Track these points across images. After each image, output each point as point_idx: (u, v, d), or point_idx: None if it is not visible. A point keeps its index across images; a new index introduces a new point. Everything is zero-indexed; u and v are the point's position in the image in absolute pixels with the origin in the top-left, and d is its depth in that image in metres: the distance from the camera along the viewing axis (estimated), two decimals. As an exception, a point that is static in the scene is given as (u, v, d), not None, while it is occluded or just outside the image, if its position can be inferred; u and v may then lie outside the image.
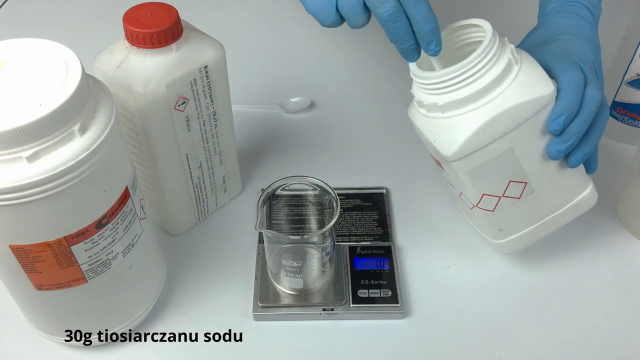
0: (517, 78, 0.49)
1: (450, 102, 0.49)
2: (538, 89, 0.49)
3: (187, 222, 0.66)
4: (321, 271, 0.59)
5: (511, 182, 0.52)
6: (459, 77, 0.48)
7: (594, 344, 0.57)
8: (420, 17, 0.46)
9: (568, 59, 0.52)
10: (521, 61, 0.50)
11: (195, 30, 0.56)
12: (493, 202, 0.54)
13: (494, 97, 0.48)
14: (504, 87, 0.48)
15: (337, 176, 0.69)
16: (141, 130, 0.55)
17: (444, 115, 0.50)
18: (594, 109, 0.50)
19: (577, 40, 0.55)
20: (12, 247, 0.44)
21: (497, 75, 0.48)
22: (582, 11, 0.58)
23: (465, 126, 0.49)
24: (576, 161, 0.52)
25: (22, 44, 0.45)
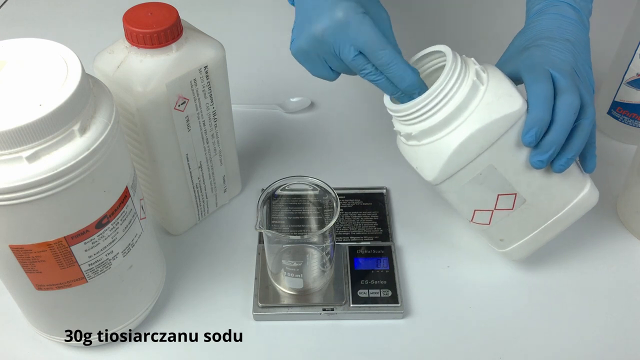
0: (484, 98, 0.49)
1: (422, 130, 0.50)
2: (505, 107, 0.49)
3: (187, 222, 0.66)
4: (321, 271, 0.59)
5: (500, 195, 0.53)
6: (426, 107, 0.50)
7: (593, 343, 0.57)
8: (395, 78, 0.50)
9: (537, 70, 0.51)
10: (488, 80, 0.50)
11: (195, 30, 0.56)
12: (487, 215, 0.55)
13: (463, 121, 0.49)
14: (471, 109, 0.49)
15: (337, 176, 0.69)
16: (141, 130, 0.55)
17: (421, 142, 0.51)
18: (571, 116, 0.50)
19: (554, 44, 0.54)
20: (12, 247, 0.44)
21: (462, 99, 0.49)
22: (565, 10, 0.57)
23: (441, 151, 0.50)
24: (561, 167, 0.51)
25: (22, 44, 0.45)
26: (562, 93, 0.50)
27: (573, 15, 0.57)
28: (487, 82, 0.50)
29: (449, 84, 0.49)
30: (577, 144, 0.51)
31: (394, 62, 0.50)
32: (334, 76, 0.56)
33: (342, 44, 0.50)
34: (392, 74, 0.50)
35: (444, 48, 0.52)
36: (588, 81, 0.55)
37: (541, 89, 0.50)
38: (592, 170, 0.55)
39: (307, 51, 0.53)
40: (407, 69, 0.50)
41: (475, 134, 0.49)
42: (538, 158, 0.50)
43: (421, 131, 0.50)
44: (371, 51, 0.49)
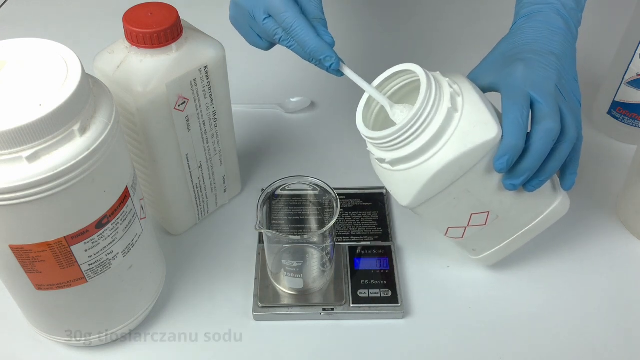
0: (459, 127, 0.48)
1: (396, 159, 0.49)
2: (480, 136, 0.48)
3: (187, 222, 0.66)
4: (321, 271, 0.59)
5: (473, 214, 0.53)
6: (400, 137, 0.48)
7: (593, 343, 0.57)
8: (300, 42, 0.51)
9: (515, 93, 0.50)
10: (463, 105, 0.48)
11: (195, 30, 0.56)
12: (460, 231, 0.55)
13: (437, 150, 0.48)
14: (445, 139, 0.48)
15: (337, 176, 0.70)
16: (141, 130, 0.55)
17: (394, 168, 0.51)
18: (549, 142, 0.49)
19: (538, 59, 0.52)
20: (12, 247, 0.44)
21: (437, 130, 0.47)
22: (552, 19, 0.55)
23: (415, 180, 0.49)
24: (533, 188, 0.51)
25: (22, 44, 0.45)
26: (541, 119, 0.49)
27: (561, 25, 0.55)
28: (461, 108, 0.48)
29: (424, 114, 0.47)
30: (552, 167, 0.50)
31: (295, 24, 0.50)
32: (265, 45, 0.56)
33: (255, 8, 0.52)
34: (297, 37, 0.50)
35: (416, 69, 0.50)
36: (573, 97, 0.53)
37: (516, 116, 0.48)
38: (570, 188, 0.54)
39: (236, 18, 0.55)
40: (310, 32, 0.50)
41: (450, 165, 0.48)
42: (511, 182, 0.50)
43: (394, 159, 0.50)
44: (276, 14, 0.50)
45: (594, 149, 0.75)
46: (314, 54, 0.51)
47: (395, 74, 0.52)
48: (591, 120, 0.79)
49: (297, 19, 0.50)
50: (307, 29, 0.50)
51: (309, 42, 0.51)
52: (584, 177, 0.71)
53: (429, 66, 0.51)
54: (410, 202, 0.51)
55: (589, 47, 0.86)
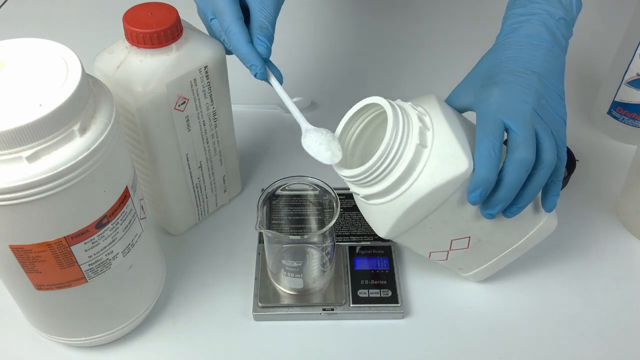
0: (428, 163, 0.47)
1: (368, 195, 0.50)
2: (450, 170, 0.47)
3: (187, 222, 0.66)
4: (321, 271, 0.59)
5: (453, 240, 0.53)
6: (369, 176, 0.48)
7: (593, 343, 0.57)
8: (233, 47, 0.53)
9: (488, 122, 0.48)
10: (432, 139, 0.47)
11: (195, 30, 0.56)
12: (443, 255, 0.55)
13: (408, 186, 0.47)
14: (415, 175, 0.47)
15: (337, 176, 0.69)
16: (141, 130, 0.55)
17: (369, 202, 0.51)
18: (522, 172, 0.47)
19: (516, 80, 0.50)
20: (12, 247, 0.44)
21: (405, 168, 0.47)
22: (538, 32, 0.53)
23: (388, 215, 0.49)
24: (512, 214, 0.50)
25: (22, 44, 0.45)
26: (514, 148, 0.47)
27: (546, 37, 0.53)
28: (431, 142, 0.47)
29: (391, 152, 0.47)
30: (529, 195, 0.49)
31: (230, 28, 0.52)
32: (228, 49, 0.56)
33: (205, 7, 0.55)
34: (231, 42, 0.52)
35: (383, 103, 0.49)
36: (556, 116, 0.51)
37: (487, 147, 0.47)
38: (551, 210, 0.53)
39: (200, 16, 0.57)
40: (241, 38, 0.52)
41: (421, 201, 0.47)
42: (488, 212, 0.49)
43: (367, 195, 0.50)
44: (218, 15, 0.53)
45: (594, 149, 0.75)
46: (243, 61, 0.53)
47: (363, 108, 0.52)
48: (591, 120, 0.79)
49: (232, 23, 0.52)
50: (240, 35, 0.52)
51: (239, 48, 0.52)
52: (584, 177, 0.71)
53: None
54: (386, 234, 0.51)
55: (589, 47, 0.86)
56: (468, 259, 0.56)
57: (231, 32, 0.52)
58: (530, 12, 0.54)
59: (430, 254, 0.55)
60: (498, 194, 0.48)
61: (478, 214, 0.50)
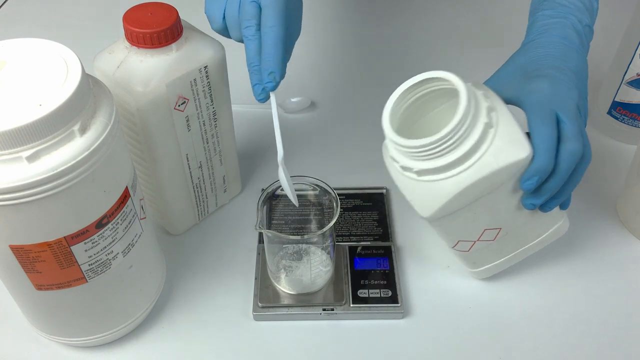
0: (493, 143, 0.47)
1: (425, 169, 0.48)
2: (513, 154, 0.47)
3: (187, 222, 0.66)
4: (321, 271, 0.59)
5: (486, 230, 0.53)
6: (435, 148, 0.47)
7: (593, 343, 0.57)
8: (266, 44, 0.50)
9: (543, 111, 0.49)
10: (497, 122, 0.47)
11: (195, 30, 0.56)
12: (468, 245, 0.55)
13: (470, 165, 0.47)
14: (480, 154, 0.47)
15: (337, 176, 0.69)
16: (141, 130, 0.55)
17: (420, 178, 0.49)
18: (572, 164, 0.49)
19: (561, 77, 0.51)
20: (12, 247, 0.44)
21: (473, 144, 0.46)
22: (568, 34, 0.55)
23: (441, 193, 0.48)
24: (549, 208, 0.51)
25: (22, 44, 0.45)
26: (567, 140, 0.48)
27: (576, 41, 0.54)
28: (496, 124, 0.47)
29: (463, 126, 0.46)
30: (570, 188, 0.51)
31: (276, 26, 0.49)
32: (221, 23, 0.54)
33: None
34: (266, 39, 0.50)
35: (453, 79, 0.48)
36: (585, 116, 0.52)
37: (547, 136, 0.48)
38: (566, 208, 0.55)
39: None
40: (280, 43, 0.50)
41: (480, 181, 0.47)
42: (532, 202, 0.50)
43: (423, 169, 0.48)
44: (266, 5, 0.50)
45: (593, 149, 0.74)
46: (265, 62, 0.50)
47: (425, 80, 0.50)
48: (591, 120, 0.78)
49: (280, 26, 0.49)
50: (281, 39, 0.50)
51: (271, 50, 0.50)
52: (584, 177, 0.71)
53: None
54: (431, 215, 0.50)
55: (589, 47, 0.86)
56: (486, 254, 0.56)
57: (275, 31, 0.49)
58: (560, 15, 0.56)
59: (457, 243, 0.54)
60: (549, 183, 0.49)
61: (519, 206, 0.51)
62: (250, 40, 0.51)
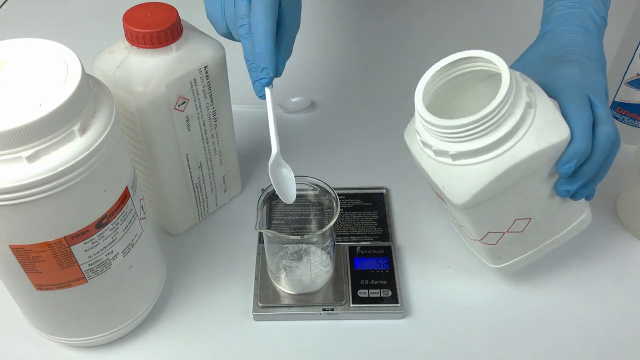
0: (533, 124, 0.45)
1: (463, 152, 0.46)
2: (554, 136, 0.45)
3: (187, 222, 0.66)
4: (321, 271, 0.59)
5: (517, 219, 0.51)
6: (476, 128, 0.45)
7: (593, 343, 0.57)
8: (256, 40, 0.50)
9: (579, 95, 0.49)
10: (536, 103, 0.46)
11: (195, 30, 0.56)
12: (496, 237, 0.53)
13: (510, 147, 0.45)
14: (520, 135, 0.45)
15: (337, 176, 0.69)
16: (141, 130, 0.55)
17: (455, 162, 0.47)
18: (608, 148, 0.48)
19: (590, 63, 0.51)
20: (12, 247, 0.44)
21: (515, 123, 0.45)
22: (587, 24, 0.55)
23: (478, 177, 0.46)
24: (581, 196, 0.50)
25: (22, 44, 0.45)
26: (601, 123, 0.48)
27: (595, 31, 0.55)
28: (535, 104, 0.46)
29: (506, 105, 0.44)
30: (602, 175, 0.50)
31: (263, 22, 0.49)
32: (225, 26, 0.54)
33: None
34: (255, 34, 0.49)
35: (494, 58, 0.46)
36: None
37: (584, 118, 0.47)
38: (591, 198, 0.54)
39: None
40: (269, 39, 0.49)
41: (520, 163, 0.45)
42: (566, 188, 0.48)
43: (461, 152, 0.46)
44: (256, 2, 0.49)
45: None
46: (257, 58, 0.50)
47: (462, 60, 0.49)
48: (591, 120, 0.79)
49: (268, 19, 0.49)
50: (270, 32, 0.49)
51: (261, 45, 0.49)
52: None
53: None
54: (467, 201, 0.48)
55: (589, 47, 0.86)
56: (512, 247, 0.55)
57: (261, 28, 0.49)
58: (578, 5, 0.56)
59: (486, 234, 0.52)
60: (585, 167, 0.48)
61: (551, 193, 0.50)
62: (245, 39, 0.51)
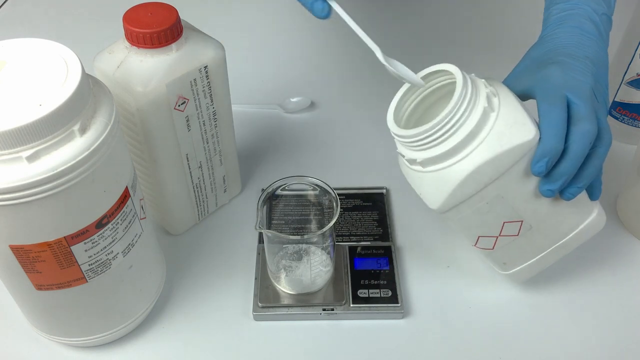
0: (495, 127, 0.46)
1: (428, 158, 0.48)
2: (517, 137, 0.46)
3: (187, 222, 0.66)
4: (321, 271, 0.59)
5: (505, 223, 0.51)
6: (433, 135, 0.47)
7: (593, 343, 0.57)
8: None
9: (552, 95, 0.49)
10: (499, 106, 0.47)
11: (195, 30, 0.56)
12: (491, 241, 0.53)
13: (472, 150, 0.46)
14: (480, 138, 0.46)
15: (337, 176, 0.69)
16: (141, 130, 0.55)
17: (425, 169, 0.49)
18: (586, 145, 0.47)
19: (575, 63, 0.51)
20: (12, 247, 0.44)
21: (472, 128, 0.46)
22: (584, 24, 0.54)
23: (447, 181, 0.48)
24: (571, 195, 0.49)
25: (22, 44, 0.45)
26: (578, 121, 0.47)
27: (593, 30, 0.54)
28: (498, 108, 0.47)
29: (459, 111, 0.46)
30: (590, 173, 0.49)
31: None
32: None
33: None
34: None
35: (452, 68, 0.49)
36: (604, 103, 0.52)
37: (554, 117, 0.47)
38: (597, 198, 0.53)
39: None
40: None
41: (484, 165, 0.46)
42: (548, 187, 0.48)
43: (427, 158, 0.48)
44: None
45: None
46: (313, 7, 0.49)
47: (431, 74, 0.51)
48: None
49: None
50: None
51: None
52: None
53: None
54: (440, 206, 0.49)
55: (589, 47, 0.86)
56: (515, 251, 0.54)
57: None
58: (575, 6, 0.55)
59: (478, 238, 0.53)
60: (561, 166, 0.48)
61: (536, 194, 0.49)
62: None
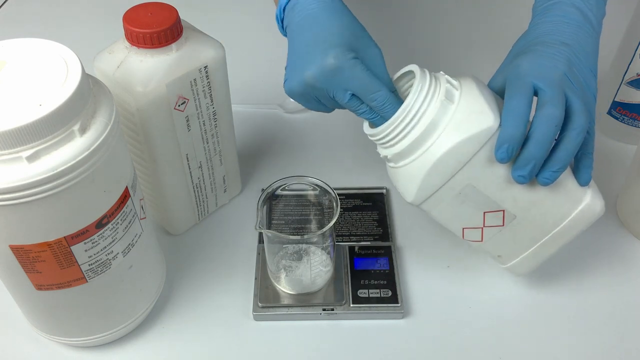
0: (454, 118, 0.48)
1: (396, 154, 0.50)
2: (475, 125, 0.48)
3: (187, 222, 0.66)
4: (321, 271, 0.59)
5: (486, 212, 0.52)
6: (394, 130, 0.49)
7: (593, 343, 0.57)
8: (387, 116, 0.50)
9: (517, 83, 0.49)
10: (460, 98, 0.49)
11: (195, 30, 0.56)
12: (477, 233, 0.54)
13: (432, 142, 0.48)
14: (440, 130, 0.48)
15: (337, 176, 0.69)
16: (141, 130, 0.55)
17: (397, 165, 0.51)
18: (551, 128, 0.47)
19: (546, 50, 0.51)
20: (12, 247, 0.44)
21: (430, 121, 0.48)
22: (568, 12, 0.54)
23: (414, 175, 0.50)
24: (546, 180, 0.49)
25: (22, 44, 0.45)
26: (542, 106, 0.48)
27: (577, 17, 0.54)
28: (458, 100, 0.49)
29: (416, 105, 0.48)
30: (563, 156, 0.49)
31: (387, 102, 0.50)
32: (330, 110, 0.57)
33: (335, 89, 0.51)
34: (387, 113, 0.51)
35: (413, 67, 0.51)
36: (587, 89, 0.51)
37: (514, 104, 0.48)
38: (587, 184, 0.52)
39: (301, 93, 0.54)
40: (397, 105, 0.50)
41: (445, 155, 0.48)
42: (519, 174, 0.48)
43: (395, 154, 0.50)
44: (364, 94, 0.50)
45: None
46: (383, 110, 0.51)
47: (401, 77, 0.53)
48: (591, 120, 0.79)
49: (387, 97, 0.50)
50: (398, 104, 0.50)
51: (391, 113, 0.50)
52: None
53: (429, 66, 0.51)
54: (414, 198, 0.51)
55: (589, 47, 0.86)
56: (506, 244, 0.54)
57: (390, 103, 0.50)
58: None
59: (463, 231, 0.54)
60: (526, 151, 0.48)
61: (510, 181, 0.49)
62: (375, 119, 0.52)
